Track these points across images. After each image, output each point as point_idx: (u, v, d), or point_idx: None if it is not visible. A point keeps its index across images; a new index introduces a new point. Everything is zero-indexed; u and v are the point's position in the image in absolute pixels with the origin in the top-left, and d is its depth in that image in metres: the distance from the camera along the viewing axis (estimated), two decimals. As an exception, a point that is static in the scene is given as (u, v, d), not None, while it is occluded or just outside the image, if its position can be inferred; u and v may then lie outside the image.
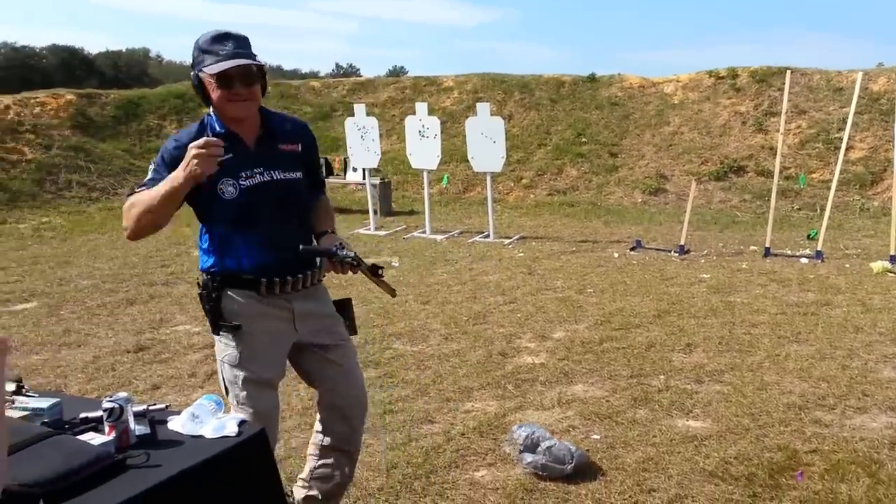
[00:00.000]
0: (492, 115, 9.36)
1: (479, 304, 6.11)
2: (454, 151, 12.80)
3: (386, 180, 11.57)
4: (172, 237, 8.58)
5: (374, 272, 2.42)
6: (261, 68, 2.29)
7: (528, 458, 3.21)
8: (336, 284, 6.69)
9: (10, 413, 1.77)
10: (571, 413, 3.89)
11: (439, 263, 7.74)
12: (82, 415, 1.84)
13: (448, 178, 12.08)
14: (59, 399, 1.89)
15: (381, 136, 9.99)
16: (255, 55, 2.28)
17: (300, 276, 2.40)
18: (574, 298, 6.22)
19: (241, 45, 2.27)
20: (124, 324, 5.67)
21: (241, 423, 1.81)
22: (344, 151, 11.36)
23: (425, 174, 9.55)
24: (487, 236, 9.13)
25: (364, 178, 10.33)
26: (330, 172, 11.37)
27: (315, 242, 2.46)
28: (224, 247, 2.36)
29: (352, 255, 2.35)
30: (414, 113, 9.57)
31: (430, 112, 9.71)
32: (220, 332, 2.39)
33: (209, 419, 1.79)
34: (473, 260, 7.90)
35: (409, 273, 7.30)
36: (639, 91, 14.29)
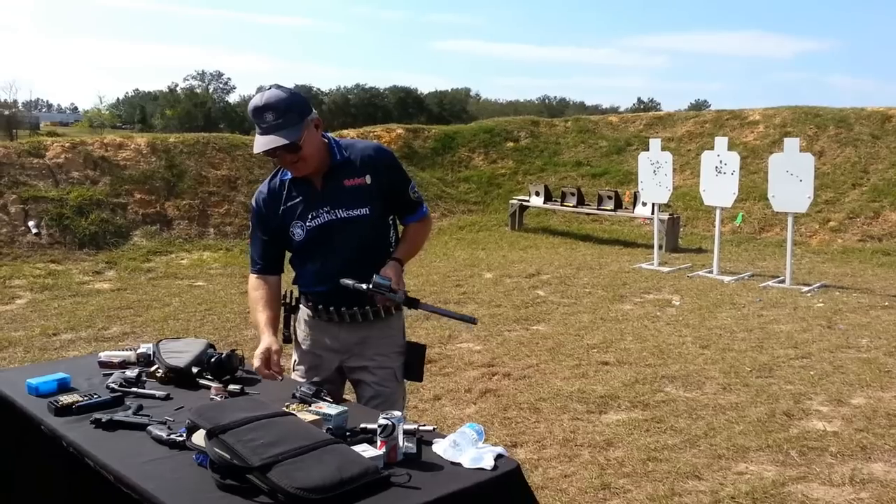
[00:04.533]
0: (801, 150, 8.63)
1: (766, 355, 5.66)
2: (752, 189, 12.00)
3: (675, 216, 11.20)
4: (469, 259, 9.12)
5: (410, 305, 2.41)
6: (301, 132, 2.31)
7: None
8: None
9: (303, 415, 1.99)
10: (866, 495, 3.43)
11: (724, 306, 7.30)
12: (362, 425, 1.98)
13: (743, 216, 11.35)
14: (346, 408, 2.06)
15: (674, 170, 9.71)
16: (298, 121, 2.30)
17: (354, 308, 2.47)
18: (882, 361, 5.49)
19: (279, 114, 2.29)
20: (419, 336, 6.13)
21: (498, 458, 1.84)
22: (635, 185, 11.23)
23: (718, 211, 9.08)
24: (783, 281, 8.41)
25: (652, 213, 10.11)
26: (619, 206, 11.31)
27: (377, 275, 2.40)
28: (297, 272, 2.57)
29: (385, 284, 2.32)
30: (712, 148, 9.18)
31: (731, 147, 9.22)
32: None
33: (468, 448, 1.84)
34: (763, 306, 7.33)
35: (689, 314, 6.99)
36: None
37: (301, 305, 2.61)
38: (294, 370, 2.65)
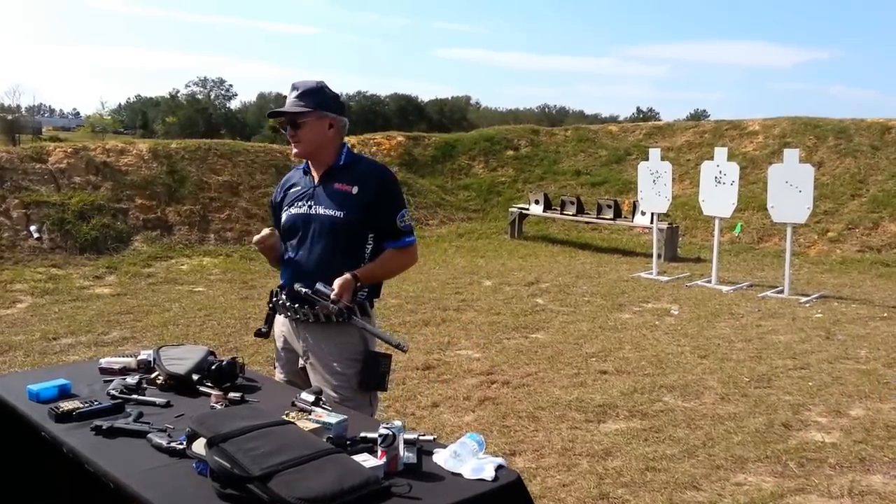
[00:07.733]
0: (800, 161, 8.67)
1: (764, 365, 5.67)
2: (751, 199, 12.03)
3: (674, 225, 11.22)
4: (468, 267, 9.13)
5: (341, 316, 2.47)
6: (308, 113, 2.55)
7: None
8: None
9: (303, 424, 1.99)
10: (863, 506, 3.44)
11: (723, 316, 7.31)
12: (362, 434, 1.98)
13: (741, 226, 11.38)
14: (346, 417, 2.05)
15: (673, 180, 9.74)
16: (310, 106, 2.55)
17: (306, 307, 2.54)
18: (881, 373, 5.49)
19: (302, 95, 2.58)
20: (418, 342, 6.15)
21: (499, 468, 1.85)
22: (634, 195, 11.26)
23: (717, 221, 9.11)
24: (781, 292, 8.42)
25: (651, 222, 10.13)
26: (618, 215, 11.34)
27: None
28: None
29: (325, 292, 2.43)
30: (711, 158, 9.22)
31: (730, 157, 9.26)
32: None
33: (469, 459, 1.84)
34: (762, 316, 7.34)
35: (688, 323, 7.00)
36: None
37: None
38: (275, 368, 2.82)
